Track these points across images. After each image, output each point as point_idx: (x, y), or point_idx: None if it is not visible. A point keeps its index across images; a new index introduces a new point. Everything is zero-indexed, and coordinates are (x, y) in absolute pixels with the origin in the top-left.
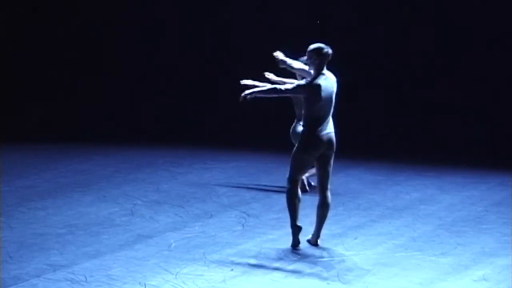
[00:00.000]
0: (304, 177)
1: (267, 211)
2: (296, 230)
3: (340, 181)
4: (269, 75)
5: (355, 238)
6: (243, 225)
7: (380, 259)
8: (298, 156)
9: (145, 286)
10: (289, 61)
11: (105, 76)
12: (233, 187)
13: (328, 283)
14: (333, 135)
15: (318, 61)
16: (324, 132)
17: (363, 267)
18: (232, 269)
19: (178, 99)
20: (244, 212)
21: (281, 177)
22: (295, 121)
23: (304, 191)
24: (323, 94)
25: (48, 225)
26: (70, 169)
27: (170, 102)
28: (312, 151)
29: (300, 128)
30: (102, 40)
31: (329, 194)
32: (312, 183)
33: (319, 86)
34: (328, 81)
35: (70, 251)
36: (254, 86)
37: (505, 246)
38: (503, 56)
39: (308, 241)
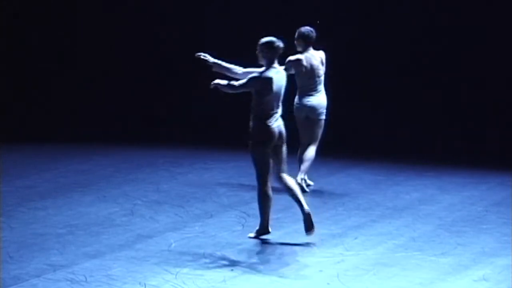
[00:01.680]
0: (301, 178)
1: None
2: (264, 231)
3: (340, 181)
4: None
5: (355, 238)
6: (243, 225)
7: (380, 259)
8: (258, 153)
9: (145, 286)
10: (226, 64)
11: (105, 76)
12: (233, 187)
13: (328, 283)
14: (283, 127)
15: (270, 55)
16: (275, 125)
17: (363, 267)
18: (232, 269)
19: (178, 99)
20: (244, 212)
21: None
22: (297, 92)
23: (303, 191)
24: (274, 87)
25: (48, 225)
26: (70, 169)
27: (170, 102)
28: (267, 142)
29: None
30: (102, 40)
31: (286, 175)
32: (311, 183)
33: (271, 78)
34: (279, 75)
35: (70, 251)
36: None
37: (505, 246)
38: (503, 56)
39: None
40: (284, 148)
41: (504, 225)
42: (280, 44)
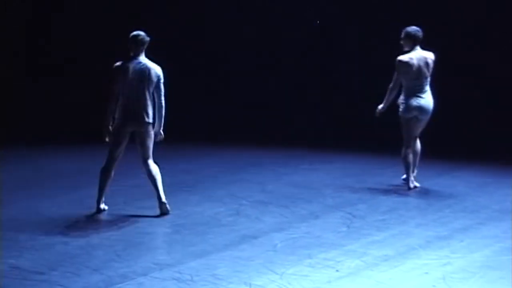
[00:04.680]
0: (411, 177)
1: (373, 212)
2: (97, 209)
3: (447, 183)
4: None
5: (462, 241)
6: (348, 226)
7: (487, 262)
8: (111, 136)
9: (250, 286)
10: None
11: (221, 76)
12: (338, 188)
13: (434, 286)
14: (140, 118)
15: (134, 47)
16: (130, 117)
17: (469, 270)
18: (337, 270)
19: (282, 102)
20: (350, 213)
21: (387, 179)
22: (402, 93)
23: (413, 187)
24: (130, 75)
25: (155, 224)
26: (176, 169)
27: (278, 104)
28: (121, 128)
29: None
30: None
31: (151, 162)
32: (417, 185)
33: (127, 67)
34: (139, 66)
35: (176, 250)
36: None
37: None
38: None
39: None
40: (147, 135)
41: None
42: (145, 37)
